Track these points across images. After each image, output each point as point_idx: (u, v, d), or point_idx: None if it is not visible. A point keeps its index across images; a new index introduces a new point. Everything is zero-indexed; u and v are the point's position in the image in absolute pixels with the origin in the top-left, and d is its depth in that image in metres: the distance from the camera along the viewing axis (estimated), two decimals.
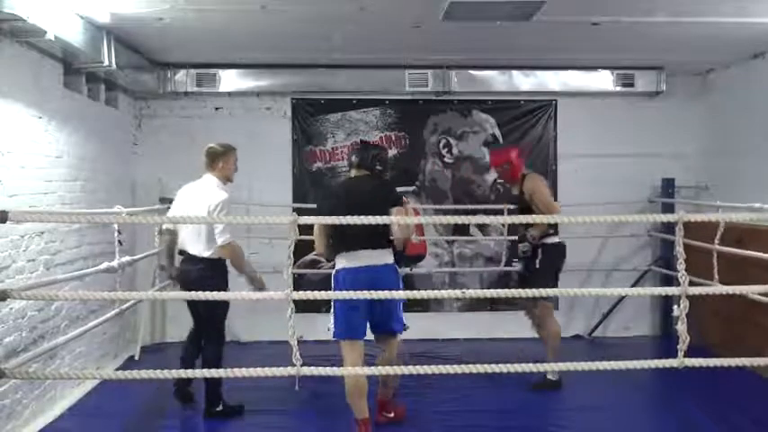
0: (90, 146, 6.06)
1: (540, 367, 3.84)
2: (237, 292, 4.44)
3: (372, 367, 4.44)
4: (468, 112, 7.82)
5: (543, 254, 5.80)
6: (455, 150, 7.81)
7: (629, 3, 5.16)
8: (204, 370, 4.93)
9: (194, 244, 5.05)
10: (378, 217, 3.77)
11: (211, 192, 5.07)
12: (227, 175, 5.24)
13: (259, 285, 5.16)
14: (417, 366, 3.91)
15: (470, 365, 3.80)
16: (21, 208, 4.54)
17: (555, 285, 5.62)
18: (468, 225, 7.62)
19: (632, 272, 7.77)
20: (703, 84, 7.83)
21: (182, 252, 5.19)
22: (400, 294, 4.52)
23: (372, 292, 3.97)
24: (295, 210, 7.24)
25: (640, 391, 5.78)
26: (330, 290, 4.58)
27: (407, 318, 7.33)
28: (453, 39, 6.16)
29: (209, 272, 5.00)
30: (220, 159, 5.19)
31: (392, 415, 4.99)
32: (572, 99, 7.76)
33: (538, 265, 5.80)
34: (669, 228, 6.59)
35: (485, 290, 5.42)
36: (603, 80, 7.58)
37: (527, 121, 7.86)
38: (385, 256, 4.59)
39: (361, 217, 3.68)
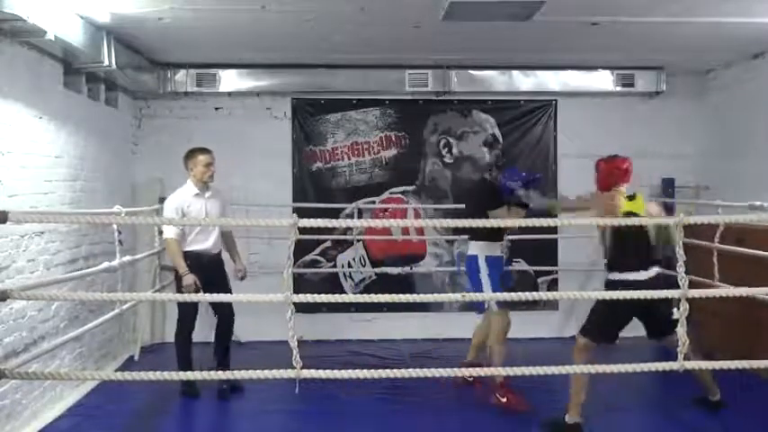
0: (90, 146, 6.06)
1: (540, 370, 3.82)
2: (237, 294, 4.44)
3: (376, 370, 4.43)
4: (468, 112, 7.82)
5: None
6: (455, 150, 7.80)
7: (629, 3, 5.16)
8: (205, 372, 4.94)
9: None
10: (377, 220, 3.78)
11: (172, 194, 5.66)
12: (197, 177, 5.57)
13: (184, 289, 5.39)
14: (417, 369, 3.91)
15: (470, 369, 3.79)
16: (21, 208, 4.54)
17: (606, 326, 4.90)
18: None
19: None
20: (703, 84, 7.82)
21: None
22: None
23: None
24: (295, 210, 7.25)
25: (640, 393, 5.78)
26: (330, 290, 4.62)
27: (408, 317, 7.41)
28: (453, 39, 6.16)
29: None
30: (187, 162, 5.61)
31: (505, 400, 5.31)
32: (572, 99, 7.76)
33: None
34: None
35: (484, 293, 5.40)
36: (603, 80, 7.58)
37: (527, 121, 7.86)
38: (470, 248, 5.59)
39: (357, 219, 3.75)
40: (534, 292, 4.97)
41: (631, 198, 4.97)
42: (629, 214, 4.82)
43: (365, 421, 5.19)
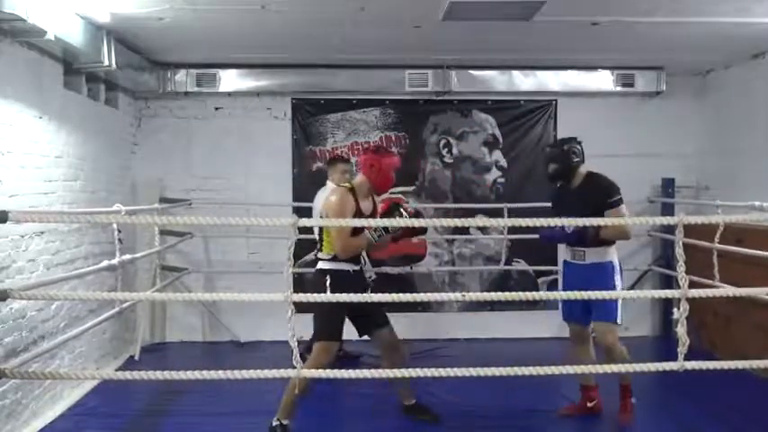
0: (90, 146, 6.06)
1: (541, 370, 3.82)
2: (237, 294, 4.43)
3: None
4: (468, 112, 7.82)
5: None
6: (455, 150, 7.80)
7: (629, 3, 5.16)
8: (204, 371, 4.95)
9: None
10: (377, 219, 3.76)
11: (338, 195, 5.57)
12: (335, 182, 5.94)
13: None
14: (418, 369, 3.91)
15: (471, 369, 3.80)
16: (21, 208, 4.53)
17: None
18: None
19: (632, 272, 7.77)
20: (703, 84, 7.83)
21: None
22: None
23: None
24: (295, 210, 7.25)
25: (640, 393, 5.77)
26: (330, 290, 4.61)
27: (408, 317, 7.40)
28: (453, 39, 6.15)
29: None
30: (329, 169, 6.35)
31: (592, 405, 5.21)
32: (572, 99, 7.76)
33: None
34: (669, 228, 6.60)
35: (484, 293, 5.40)
36: (603, 80, 7.57)
37: (527, 121, 7.86)
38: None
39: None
40: (534, 292, 4.95)
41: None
42: None
43: (365, 421, 5.19)
